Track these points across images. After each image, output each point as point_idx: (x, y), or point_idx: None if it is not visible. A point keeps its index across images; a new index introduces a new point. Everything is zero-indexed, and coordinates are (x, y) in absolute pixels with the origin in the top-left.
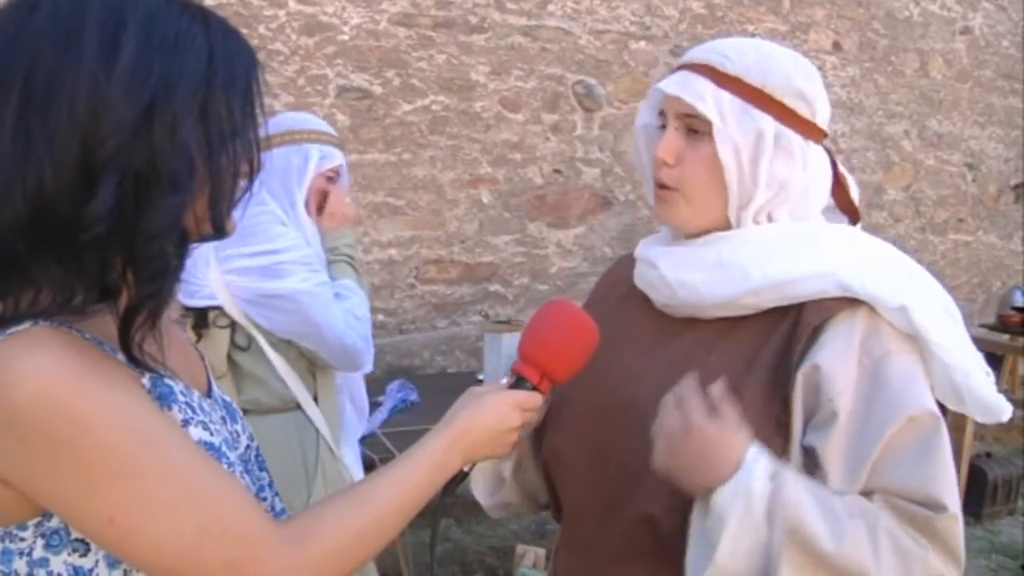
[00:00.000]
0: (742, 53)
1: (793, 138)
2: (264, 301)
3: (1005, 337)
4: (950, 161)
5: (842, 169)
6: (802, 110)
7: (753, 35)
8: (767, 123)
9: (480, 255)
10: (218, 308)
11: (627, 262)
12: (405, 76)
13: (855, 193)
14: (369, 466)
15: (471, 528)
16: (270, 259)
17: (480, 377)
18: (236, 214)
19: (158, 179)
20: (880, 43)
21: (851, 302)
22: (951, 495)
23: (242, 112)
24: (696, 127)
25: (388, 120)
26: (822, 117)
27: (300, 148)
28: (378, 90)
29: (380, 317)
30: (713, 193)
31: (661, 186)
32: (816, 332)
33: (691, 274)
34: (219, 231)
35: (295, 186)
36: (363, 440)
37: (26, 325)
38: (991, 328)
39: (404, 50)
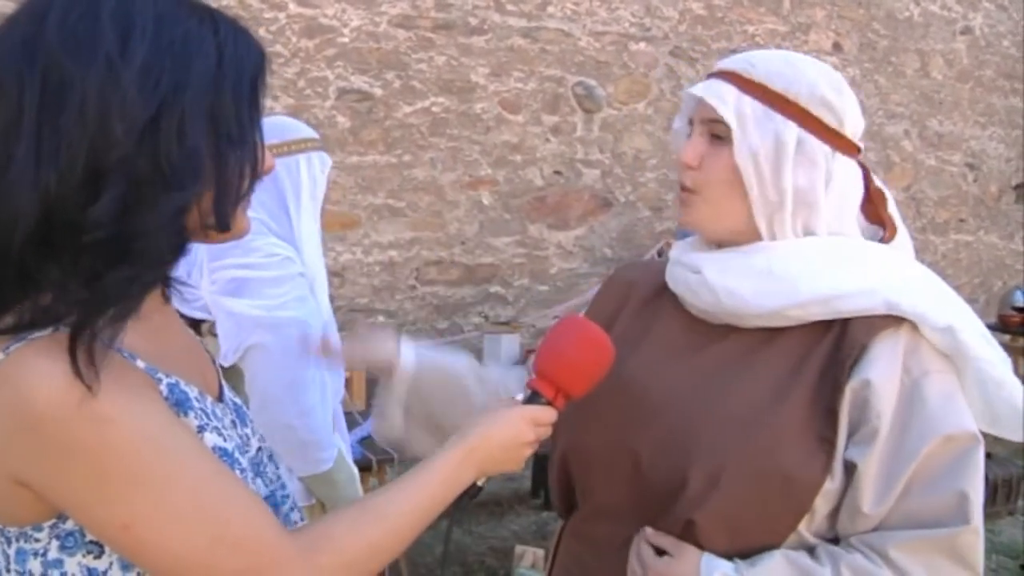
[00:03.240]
0: (768, 61)
1: (817, 147)
2: (222, 317)
3: (1006, 338)
4: (951, 161)
5: (878, 183)
6: (828, 119)
7: (753, 36)
8: (789, 129)
9: (480, 256)
10: (210, 321)
11: (638, 267)
12: (405, 78)
13: (892, 206)
14: (366, 467)
15: (471, 529)
16: (238, 273)
17: None
18: (248, 217)
19: (162, 180)
20: (880, 43)
21: (895, 320)
22: (975, 510)
23: (248, 112)
24: (719, 132)
25: (388, 122)
26: (852, 130)
27: (307, 156)
28: (378, 92)
29: (381, 318)
30: (732, 198)
31: (683, 189)
32: (864, 349)
33: (739, 281)
34: (224, 227)
35: (307, 197)
36: (362, 441)
37: (47, 331)
38: (992, 328)
39: (404, 52)
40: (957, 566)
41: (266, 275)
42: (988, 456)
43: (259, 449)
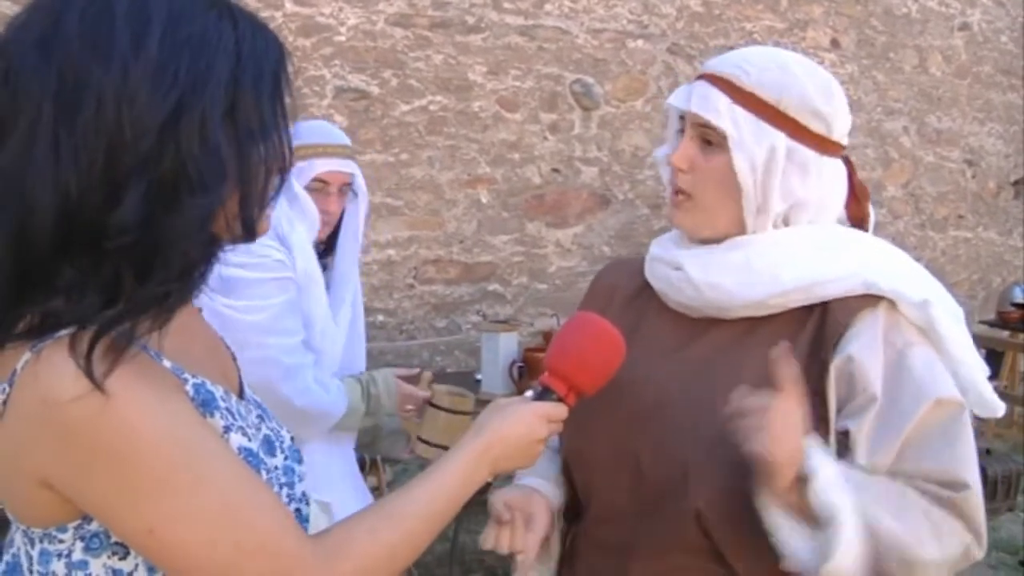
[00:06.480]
0: (762, 68)
1: (807, 154)
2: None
3: (1005, 333)
4: (949, 157)
5: (859, 179)
6: (816, 127)
7: (751, 33)
8: (779, 139)
9: (479, 255)
10: None
11: (618, 268)
12: (402, 76)
13: (869, 205)
14: (360, 467)
15: (470, 527)
16: (230, 271)
17: (478, 377)
18: (270, 214)
19: (187, 182)
20: (878, 40)
21: (873, 299)
22: (972, 475)
23: (271, 108)
24: (710, 139)
25: (386, 121)
26: (839, 132)
27: (310, 163)
28: (375, 91)
29: (380, 318)
30: (725, 202)
31: (677, 192)
32: (845, 328)
33: (720, 276)
34: (250, 232)
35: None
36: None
37: (72, 330)
38: (991, 324)
39: (401, 50)
40: (959, 522)
41: (257, 276)
42: (987, 452)
43: (292, 438)
